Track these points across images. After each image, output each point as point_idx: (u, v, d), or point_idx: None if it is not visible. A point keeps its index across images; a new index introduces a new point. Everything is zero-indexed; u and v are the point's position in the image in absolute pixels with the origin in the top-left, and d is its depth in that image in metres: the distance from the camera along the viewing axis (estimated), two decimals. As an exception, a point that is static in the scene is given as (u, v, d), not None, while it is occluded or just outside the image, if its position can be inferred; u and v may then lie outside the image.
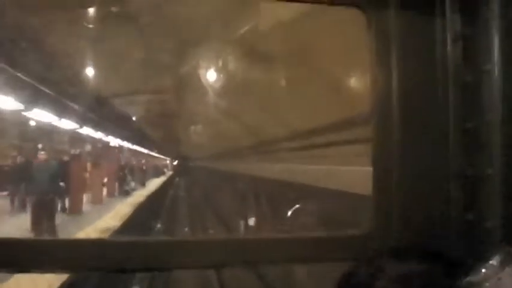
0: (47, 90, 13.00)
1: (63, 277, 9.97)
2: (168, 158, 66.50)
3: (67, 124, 18.07)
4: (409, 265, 1.57)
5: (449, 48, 2.05)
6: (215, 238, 2.38)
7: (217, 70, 9.70)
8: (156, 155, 57.81)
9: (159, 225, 24.74)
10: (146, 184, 40.65)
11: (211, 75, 10.04)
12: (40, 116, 15.11)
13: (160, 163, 62.14)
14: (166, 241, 2.29)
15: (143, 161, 49.41)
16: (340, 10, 2.29)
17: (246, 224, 13.50)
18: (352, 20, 2.19)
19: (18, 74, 10.69)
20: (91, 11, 7.70)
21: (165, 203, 36.43)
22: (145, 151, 46.78)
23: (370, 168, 2.09)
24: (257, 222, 12.67)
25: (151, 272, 12.62)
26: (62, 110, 15.52)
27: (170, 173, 62.68)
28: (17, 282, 6.79)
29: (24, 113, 13.59)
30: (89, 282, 13.09)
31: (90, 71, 12.46)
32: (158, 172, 56.30)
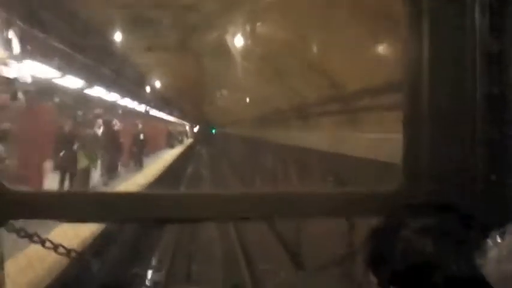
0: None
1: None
2: (187, 124, 59.92)
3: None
4: (432, 219, 1.71)
5: (477, 18, 2.16)
6: (254, 191, 2.52)
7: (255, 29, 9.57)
8: (172, 119, 48.30)
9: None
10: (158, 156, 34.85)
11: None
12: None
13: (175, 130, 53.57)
14: (195, 194, 2.47)
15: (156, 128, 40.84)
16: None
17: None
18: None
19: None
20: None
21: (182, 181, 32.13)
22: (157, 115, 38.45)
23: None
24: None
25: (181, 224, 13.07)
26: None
27: (190, 141, 56.63)
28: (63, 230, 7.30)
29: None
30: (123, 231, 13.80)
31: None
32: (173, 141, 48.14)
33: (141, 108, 29.47)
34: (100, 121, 19.76)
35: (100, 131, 19.54)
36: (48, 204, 2.19)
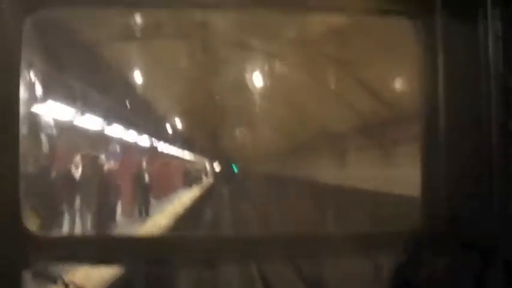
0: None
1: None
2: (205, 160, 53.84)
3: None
4: (453, 258, 1.69)
5: (490, 50, 2.16)
6: (253, 234, 2.53)
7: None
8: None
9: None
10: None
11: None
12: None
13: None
14: (212, 236, 2.47)
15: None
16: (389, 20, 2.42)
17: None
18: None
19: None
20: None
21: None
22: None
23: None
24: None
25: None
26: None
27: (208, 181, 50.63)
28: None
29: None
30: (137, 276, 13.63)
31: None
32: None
33: (148, 142, 27.25)
34: (78, 158, 16.68)
35: (78, 172, 16.51)
36: (70, 248, 2.21)
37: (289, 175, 18.71)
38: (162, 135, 26.94)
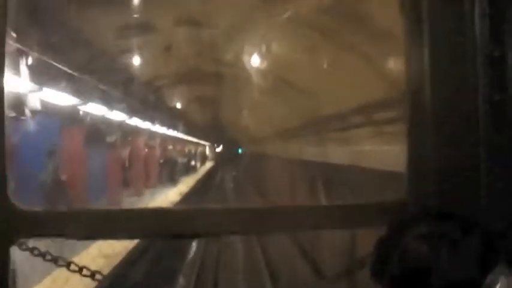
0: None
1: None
2: (207, 144, 50.28)
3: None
4: (436, 226, 1.71)
5: (477, 24, 2.16)
6: (260, 206, 2.57)
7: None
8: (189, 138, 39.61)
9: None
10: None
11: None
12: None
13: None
14: (218, 209, 2.51)
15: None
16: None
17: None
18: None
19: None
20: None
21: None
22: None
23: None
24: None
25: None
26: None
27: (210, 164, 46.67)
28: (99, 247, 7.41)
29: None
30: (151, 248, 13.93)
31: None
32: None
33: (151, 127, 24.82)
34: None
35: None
36: (57, 222, 2.23)
37: (286, 155, 18.85)
38: (173, 124, 26.96)
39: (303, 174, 15.90)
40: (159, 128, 26.00)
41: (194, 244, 17.52)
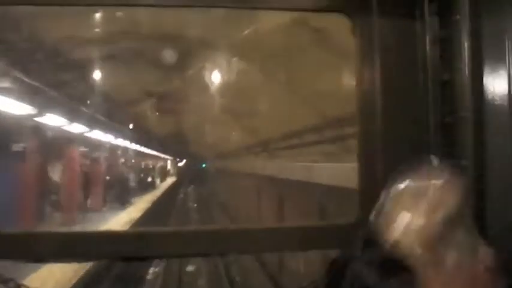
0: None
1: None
2: (169, 158, 47.91)
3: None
4: (385, 252, 1.71)
5: (428, 49, 2.20)
6: (218, 228, 2.56)
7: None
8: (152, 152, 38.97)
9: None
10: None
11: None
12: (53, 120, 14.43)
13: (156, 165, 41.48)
14: (176, 231, 2.48)
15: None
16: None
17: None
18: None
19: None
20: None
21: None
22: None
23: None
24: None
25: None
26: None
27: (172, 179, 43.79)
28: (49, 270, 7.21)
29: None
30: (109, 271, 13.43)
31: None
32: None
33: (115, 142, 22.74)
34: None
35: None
36: (10, 245, 2.17)
37: (247, 171, 18.85)
38: (127, 135, 25.25)
39: (265, 190, 15.99)
40: (109, 138, 22.13)
41: (153, 268, 16.85)
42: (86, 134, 18.60)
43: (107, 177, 22.65)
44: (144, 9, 6.10)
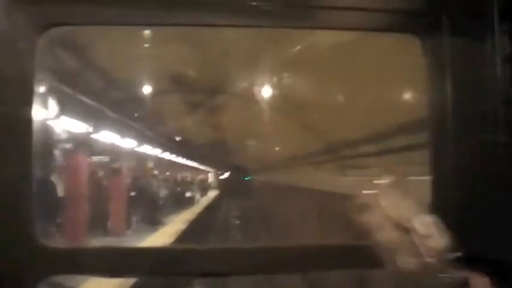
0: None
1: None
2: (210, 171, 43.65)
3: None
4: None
5: (498, 69, 2.19)
6: (263, 246, 2.56)
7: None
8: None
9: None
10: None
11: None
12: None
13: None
14: (218, 248, 2.51)
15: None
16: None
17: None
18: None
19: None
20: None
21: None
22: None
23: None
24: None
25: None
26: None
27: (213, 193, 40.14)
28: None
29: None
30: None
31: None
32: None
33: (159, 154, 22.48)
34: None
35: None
36: (84, 260, 2.26)
37: (295, 185, 18.55)
38: (171, 147, 24.52)
39: (315, 205, 15.73)
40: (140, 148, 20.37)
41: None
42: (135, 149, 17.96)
43: (132, 193, 18.69)
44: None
